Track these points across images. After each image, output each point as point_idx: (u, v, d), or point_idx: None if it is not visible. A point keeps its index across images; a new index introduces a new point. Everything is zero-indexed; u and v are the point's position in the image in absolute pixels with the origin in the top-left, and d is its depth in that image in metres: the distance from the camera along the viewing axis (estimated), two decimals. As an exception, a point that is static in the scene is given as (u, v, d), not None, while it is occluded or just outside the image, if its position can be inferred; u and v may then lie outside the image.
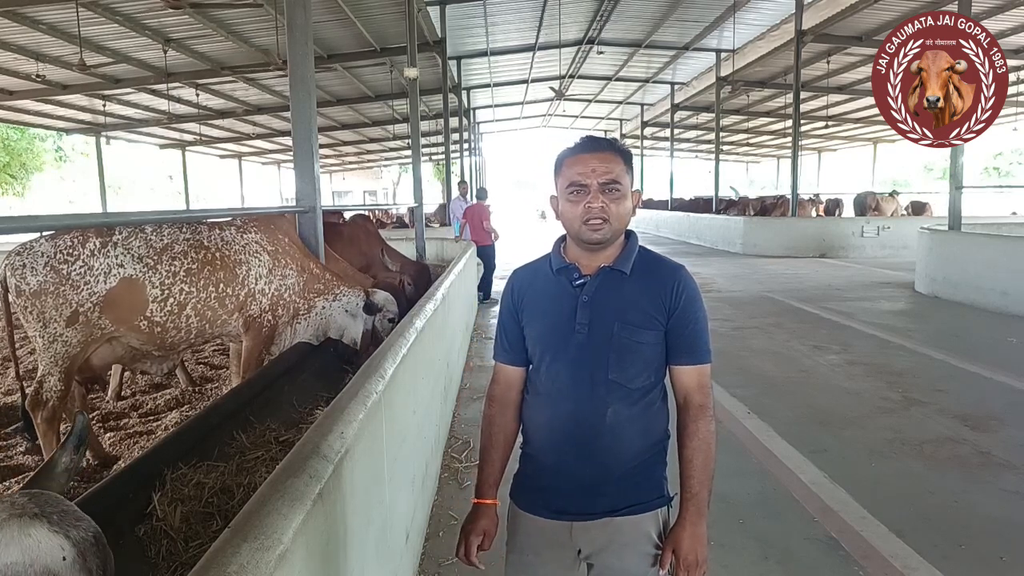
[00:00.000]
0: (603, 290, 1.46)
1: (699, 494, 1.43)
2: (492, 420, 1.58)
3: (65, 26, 10.10)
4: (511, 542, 1.58)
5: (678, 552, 1.42)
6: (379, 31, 12.69)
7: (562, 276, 1.50)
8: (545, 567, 1.52)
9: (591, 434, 1.44)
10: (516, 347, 1.55)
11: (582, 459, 1.43)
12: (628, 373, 1.44)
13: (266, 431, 3.00)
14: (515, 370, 1.56)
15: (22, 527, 0.83)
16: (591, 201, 1.41)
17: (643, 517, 1.48)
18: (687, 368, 1.47)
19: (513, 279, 1.60)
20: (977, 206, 19.16)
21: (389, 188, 47.47)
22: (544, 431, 1.50)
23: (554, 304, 1.48)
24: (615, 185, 1.42)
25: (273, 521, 1.13)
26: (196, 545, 2.07)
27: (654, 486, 1.50)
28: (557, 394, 1.47)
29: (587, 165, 1.42)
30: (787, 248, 15.55)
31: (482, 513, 1.55)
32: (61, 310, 3.48)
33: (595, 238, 1.43)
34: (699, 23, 16.72)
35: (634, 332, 1.43)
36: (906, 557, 2.77)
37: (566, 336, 1.45)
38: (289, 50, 4.65)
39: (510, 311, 1.56)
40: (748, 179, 44.06)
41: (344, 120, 22.02)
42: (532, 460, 1.51)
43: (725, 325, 7.63)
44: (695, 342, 1.47)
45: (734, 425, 4.37)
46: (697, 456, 1.43)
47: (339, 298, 4.34)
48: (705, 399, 1.47)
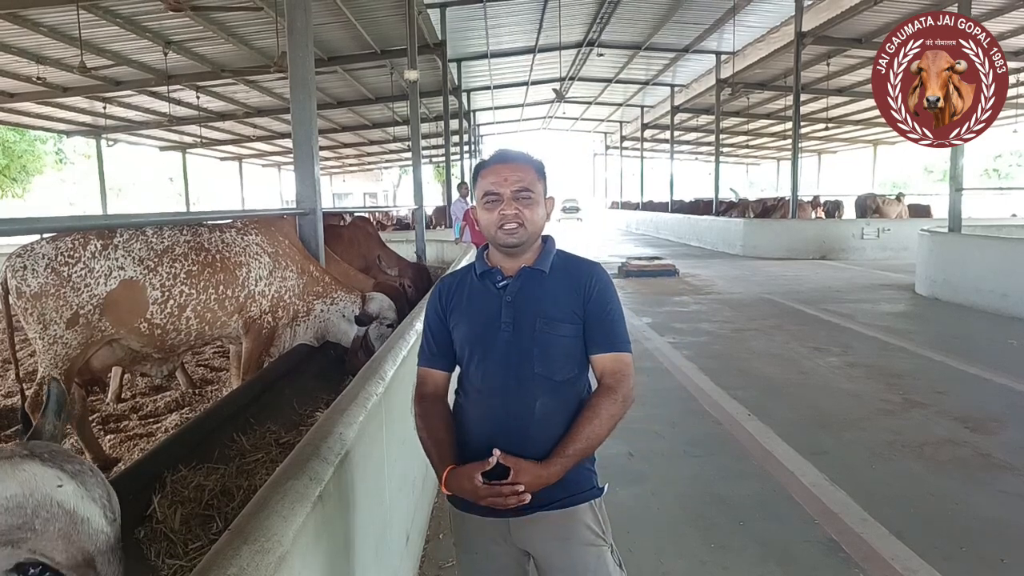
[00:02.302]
0: (525, 289, 1.54)
1: (569, 456, 1.44)
2: (428, 410, 1.56)
3: (66, 28, 10.12)
4: (459, 543, 1.64)
5: (520, 474, 1.39)
6: (379, 33, 12.70)
7: (486, 279, 1.58)
8: (495, 562, 1.57)
9: (521, 428, 1.48)
10: (443, 351, 1.60)
11: (513, 454, 1.43)
12: (552, 367, 1.51)
13: (266, 433, 3.00)
14: (442, 374, 1.61)
15: (14, 464, 0.86)
16: (505, 208, 1.50)
17: (577, 509, 1.51)
18: (603, 356, 1.53)
19: (440, 285, 1.67)
20: (977, 208, 19.16)
21: (389, 190, 47.52)
22: (476, 429, 1.54)
23: (480, 306, 1.56)
24: (527, 192, 1.51)
25: (273, 523, 1.13)
26: (196, 547, 2.07)
27: (584, 478, 1.54)
28: (487, 391, 1.53)
29: (500, 175, 1.52)
30: (787, 250, 15.55)
31: (461, 469, 1.47)
32: (61, 312, 3.49)
33: (510, 241, 1.52)
34: (699, 25, 16.74)
35: (555, 326, 1.51)
36: (906, 559, 2.77)
37: (493, 335, 1.52)
38: (289, 52, 4.66)
39: (437, 316, 1.61)
40: (748, 181, 44.09)
41: (344, 122, 22.04)
42: (465, 460, 1.50)
43: (725, 327, 7.62)
44: (609, 331, 1.53)
45: (734, 427, 4.37)
46: (586, 425, 1.46)
47: (336, 302, 4.35)
48: (616, 383, 1.50)
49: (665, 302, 9.44)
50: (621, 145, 36.60)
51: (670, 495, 3.43)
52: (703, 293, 10.28)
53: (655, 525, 3.11)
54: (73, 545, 0.89)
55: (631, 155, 36.66)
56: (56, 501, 0.87)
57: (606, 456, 3.59)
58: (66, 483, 0.89)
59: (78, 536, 0.89)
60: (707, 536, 3.00)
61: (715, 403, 4.86)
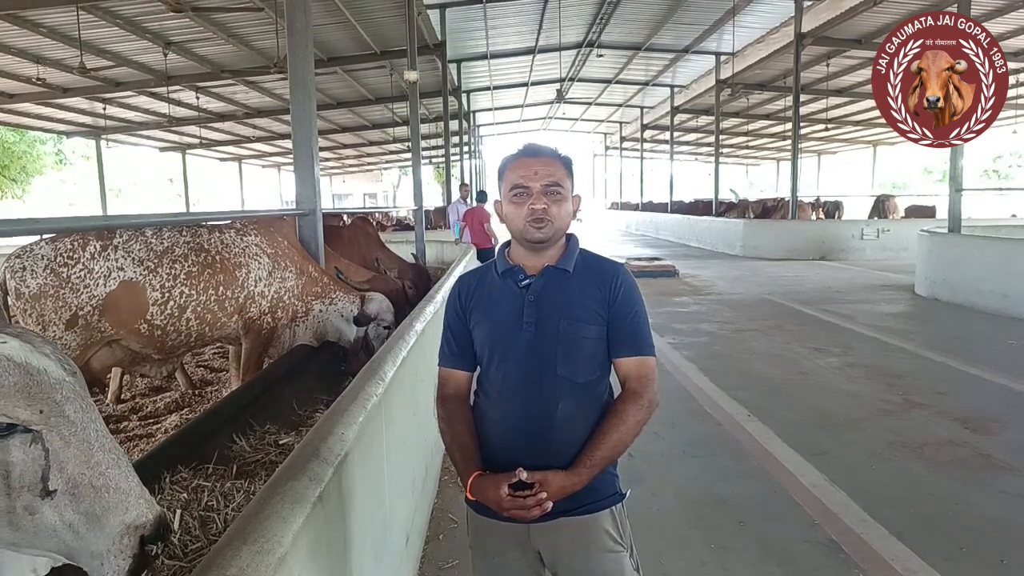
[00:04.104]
0: (548, 289, 1.51)
1: (596, 464, 1.42)
2: (451, 413, 1.55)
3: (65, 29, 10.13)
4: (475, 547, 1.60)
5: (545, 486, 1.37)
6: (379, 34, 12.71)
7: (508, 278, 1.54)
8: (511, 567, 1.54)
9: (542, 430, 1.46)
10: (464, 351, 1.58)
11: (534, 456, 1.42)
12: (575, 368, 1.48)
13: (266, 434, 3.00)
14: (463, 374, 1.59)
15: None
16: (534, 203, 1.47)
17: (598, 516, 1.49)
18: (627, 360, 1.51)
19: (459, 284, 1.63)
20: (977, 208, 19.15)
21: (389, 191, 47.55)
22: (496, 430, 1.51)
23: (501, 305, 1.53)
24: (556, 188, 1.48)
25: (273, 524, 1.12)
26: (196, 549, 2.07)
27: (606, 484, 1.51)
28: (508, 392, 1.50)
29: (530, 168, 1.49)
30: (787, 250, 15.55)
31: (487, 478, 1.45)
32: (61, 313, 3.48)
33: (538, 237, 1.48)
34: (698, 26, 16.76)
35: (579, 327, 1.48)
36: (907, 560, 2.76)
37: (514, 335, 1.49)
38: (289, 53, 4.66)
39: (457, 315, 1.58)
40: (748, 181, 44.10)
41: (344, 123, 22.05)
42: (485, 462, 1.50)
43: (725, 328, 7.62)
44: (634, 334, 1.51)
45: (734, 427, 4.37)
46: (612, 432, 1.44)
47: (335, 303, 4.35)
48: (641, 387, 1.48)
49: (665, 303, 9.43)
50: (621, 146, 36.62)
51: (670, 495, 3.43)
52: (703, 294, 10.28)
53: (655, 526, 3.11)
54: (35, 398, 0.89)
55: (631, 156, 36.68)
56: (3, 355, 0.88)
57: (606, 457, 3.59)
58: (10, 340, 0.90)
59: (39, 388, 0.90)
60: (707, 537, 3.00)
61: (715, 404, 4.86)
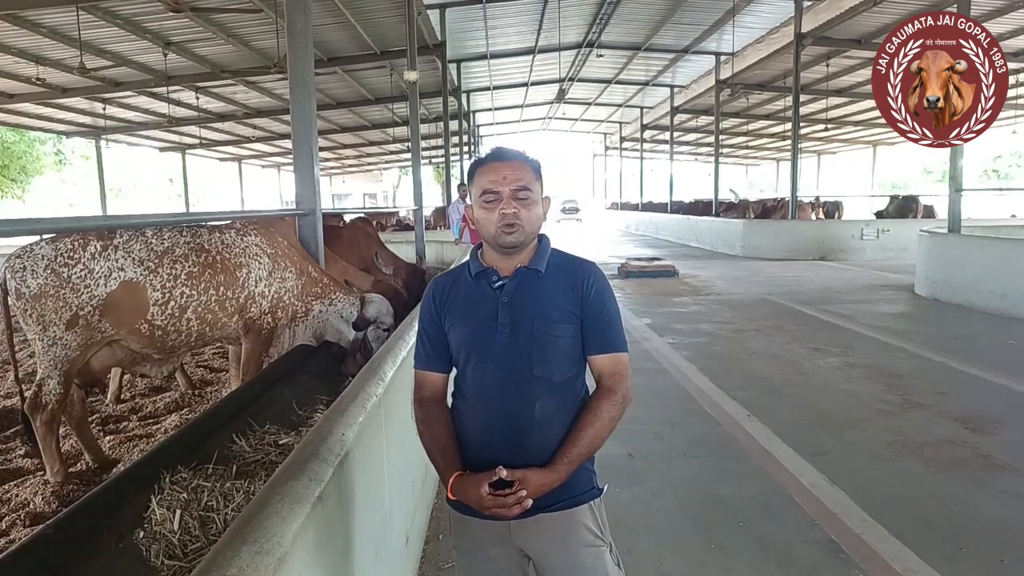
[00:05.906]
0: (522, 289, 1.52)
1: (573, 460, 1.44)
2: (429, 415, 1.55)
3: (65, 29, 10.13)
4: (459, 545, 1.62)
5: (524, 484, 1.38)
6: (379, 34, 12.71)
7: (481, 280, 1.56)
8: (495, 564, 1.56)
9: (521, 430, 1.48)
10: (440, 353, 1.58)
11: (513, 455, 1.43)
12: (551, 368, 1.50)
13: (265, 434, 2.99)
14: (439, 376, 1.59)
15: None
16: (504, 207, 1.49)
17: (576, 511, 1.51)
18: (601, 357, 1.53)
19: (433, 287, 1.63)
20: (977, 208, 19.17)
21: (389, 191, 47.56)
22: (475, 431, 1.53)
23: (476, 307, 1.54)
24: (526, 192, 1.50)
25: (273, 524, 1.12)
26: (195, 549, 2.07)
27: (584, 479, 1.53)
28: (485, 394, 1.51)
29: (499, 173, 1.50)
30: (787, 251, 15.55)
31: (468, 478, 1.46)
32: (61, 313, 3.48)
33: (509, 241, 1.50)
34: (698, 26, 16.76)
35: (553, 327, 1.50)
36: (906, 560, 2.76)
37: (490, 336, 1.51)
38: (289, 53, 4.66)
39: (432, 317, 1.59)
40: (748, 182, 44.14)
41: (344, 123, 22.05)
42: (465, 463, 1.51)
43: (725, 328, 7.62)
44: (607, 332, 1.53)
45: (734, 428, 4.37)
46: (588, 428, 1.46)
47: (335, 303, 4.34)
48: (615, 384, 1.50)
49: (665, 303, 9.43)
50: (621, 146, 36.61)
51: (670, 496, 3.43)
52: (703, 294, 10.28)
53: (655, 526, 3.11)
54: None
55: (631, 156, 36.67)
56: None
57: (606, 457, 3.60)
58: None
59: None
60: (707, 537, 3.00)
61: (715, 404, 4.86)
